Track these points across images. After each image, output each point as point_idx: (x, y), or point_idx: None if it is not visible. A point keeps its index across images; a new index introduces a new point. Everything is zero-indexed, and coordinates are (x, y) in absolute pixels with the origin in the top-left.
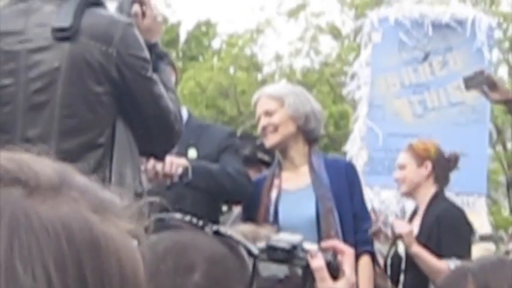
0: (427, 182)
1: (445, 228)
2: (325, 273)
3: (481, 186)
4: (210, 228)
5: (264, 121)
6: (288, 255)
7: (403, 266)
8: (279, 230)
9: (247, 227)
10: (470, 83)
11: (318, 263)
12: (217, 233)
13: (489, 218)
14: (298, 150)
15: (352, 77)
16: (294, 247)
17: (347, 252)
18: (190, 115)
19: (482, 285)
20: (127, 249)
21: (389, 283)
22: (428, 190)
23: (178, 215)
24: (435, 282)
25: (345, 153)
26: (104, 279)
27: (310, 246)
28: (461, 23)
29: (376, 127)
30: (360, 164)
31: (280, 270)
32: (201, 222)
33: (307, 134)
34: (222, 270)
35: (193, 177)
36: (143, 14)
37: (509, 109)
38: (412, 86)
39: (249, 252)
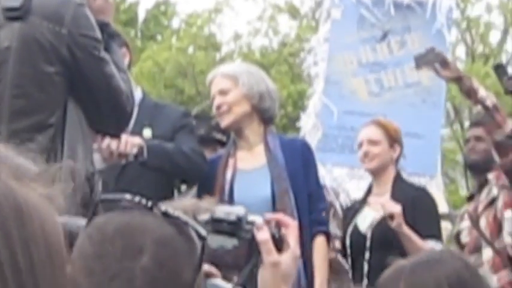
0: (392, 164)
1: (421, 210)
2: (271, 246)
3: (433, 167)
4: (158, 209)
5: (218, 100)
6: (234, 227)
7: (368, 244)
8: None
9: (188, 201)
10: (421, 61)
11: (263, 235)
12: (166, 214)
13: (446, 196)
14: (253, 130)
15: (309, 52)
16: (239, 219)
17: (291, 225)
18: (145, 95)
19: (410, 285)
20: (48, 214)
21: (339, 258)
22: (392, 171)
23: (127, 196)
24: None
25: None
26: (30, 245)
27: (255, 218)
28: (421, 4)
29: (332, 104)
30: (313, 141)
31: (228, 242)
32: (150, 203)
33: (262, 113)
34: (171, 252)
35: (149, 157)
36: None
37: (461, 87)
38: (370, 64)
39: (198, 234)
